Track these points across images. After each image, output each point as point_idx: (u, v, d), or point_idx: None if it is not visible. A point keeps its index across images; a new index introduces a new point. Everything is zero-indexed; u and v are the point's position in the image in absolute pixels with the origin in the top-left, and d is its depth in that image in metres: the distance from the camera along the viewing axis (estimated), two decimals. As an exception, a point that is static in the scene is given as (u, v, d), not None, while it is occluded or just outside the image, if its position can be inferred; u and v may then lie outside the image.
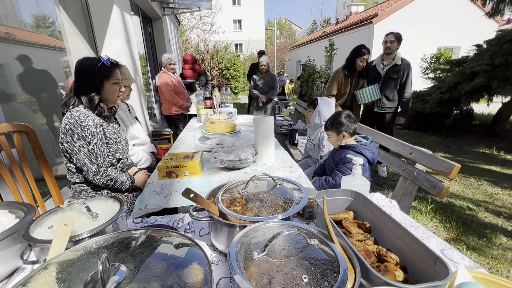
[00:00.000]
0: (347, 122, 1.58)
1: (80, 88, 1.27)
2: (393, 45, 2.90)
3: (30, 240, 0.61)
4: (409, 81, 2.98)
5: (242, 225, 0.65)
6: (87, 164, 1.23)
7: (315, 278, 0.45)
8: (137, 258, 0.52)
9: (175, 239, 0.60)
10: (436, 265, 0.51)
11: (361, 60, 2.90)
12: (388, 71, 2.99)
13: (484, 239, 2.19)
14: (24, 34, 2.05)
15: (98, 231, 0.67)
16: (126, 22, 3.08)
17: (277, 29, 20.20)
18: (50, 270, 0.48)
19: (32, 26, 2.14)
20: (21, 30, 2.03)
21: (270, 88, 4.49)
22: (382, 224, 0.69)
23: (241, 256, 0.52)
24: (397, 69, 2.94)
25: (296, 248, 0.51)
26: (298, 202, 0.73)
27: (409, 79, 2.98)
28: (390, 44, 2.91)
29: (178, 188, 1.26)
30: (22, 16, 2.05)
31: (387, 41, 2.94)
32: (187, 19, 15.44)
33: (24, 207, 0.73)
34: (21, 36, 2.02)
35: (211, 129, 1.93)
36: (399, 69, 2.93)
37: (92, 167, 1.23)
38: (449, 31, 10.74)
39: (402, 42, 2.96)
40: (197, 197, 0.68)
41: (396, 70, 2.95)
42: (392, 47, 2.90)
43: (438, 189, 1.33)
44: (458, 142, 5.03)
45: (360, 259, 0.51)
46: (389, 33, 2.97)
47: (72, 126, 1.19)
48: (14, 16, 1.96)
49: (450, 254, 0.71)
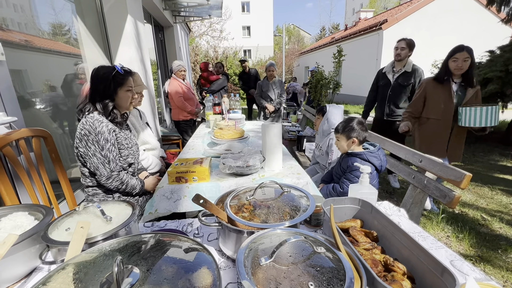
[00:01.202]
0: (358, 129, 1.57)
1: (95, 95, 1.33)
2: (403, 52, 2.82)
3: (48, 242, 0.65)
4: None
5: (250, 231, 0.66)
6: (100, 168, 1.27)
7: (321, 285, 0.46)
8: (148, 261, 0.54)
9: (185, 244, 0.62)
10: (444, 276, 0.51)
11: (454, 60, 2.24)
12: (398, 78, 2.90)
13: (499, 250, 2.12)
14: (43, 42, 2.16)
15: (112, 234, 0.69)
16: (139, 30, 3.19)
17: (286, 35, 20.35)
18: (68, 271, 0.51)
19: (50, 34, 2.25)
20: (40, 38, 2.13)
21: (277, 96, 4.25)
22: (389, 234, 0.69)
23: (248, 262, 0.53)
24: (407, 76, 2.85)
25: (302, 255, 0.52)
26: (305, 209, 0.74)
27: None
28: (400, 51, 2.83)
29: (187, 193, 1.29)
30: (42, 24, 2.15)
31: (398, 48, 2.86)
32: (197, 26, 15.79)
33: (43, 209, 0.77)
34: (41, 44, 2.12)
35: (220, 135, 1.96)
36: (410, 76, 2.84)
37: (104, 171, 1.28)
38: (461, 37, 10.55)
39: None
40: (207, 203, 0.70)
41: (406, 77, 2.86)
42: (403, 54, 2.82)
43: (449, 198, 1.31)
44: (471, 150, 4.89)
45: (366, 268, 0.51)
46: (401, 40, 2.89)
47: (87, 131, 1.24)
48: (34, 24, 2.07)
49: (460, 265, 0.70)
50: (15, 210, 0.77)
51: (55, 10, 2.31)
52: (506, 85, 4.15)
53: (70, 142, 2.37)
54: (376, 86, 3.13)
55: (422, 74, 2.88)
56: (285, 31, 15.89)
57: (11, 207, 0.79)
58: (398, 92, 2.91)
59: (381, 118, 3.09)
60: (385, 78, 3.00)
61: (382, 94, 3.02)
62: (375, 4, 29.22)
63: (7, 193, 1.23)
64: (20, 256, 0.65)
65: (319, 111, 2.29)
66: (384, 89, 2.99)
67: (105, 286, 0.46)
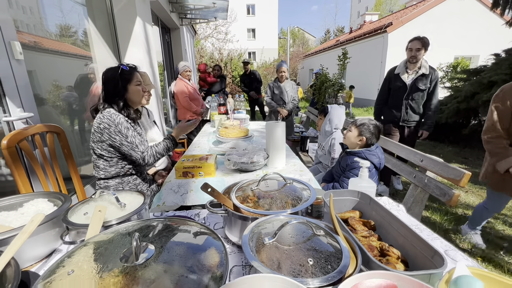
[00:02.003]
0: (374, 133, 1.58)
1: (108, 96, 1.39)
2: (419, 53, 2.57)
3: (68, 224, 0.70)
4: (436, 91, 2.69)
5: (254, 218, 0.71)
6: (133, 154, 1.36)
7: (320, 261, 0.50)
8: (161, 240, 0.59)
9: (194, 228, 0.67)
10: (434, 258, 0.55)
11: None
12: (415, 81, 2.66)
13: (501, 252, 2.12)
14: (55, 43, 2.24)
15: (125, 219, 0.74)
16: (147, 32, 3.27)
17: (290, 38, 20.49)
18: (89, 247, 0.56)
19: (62, 35, 2.33)
20: (52, 40, 2.22)
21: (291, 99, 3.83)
22: (386, 223, 0.73)
23: (253, 243, 0.57)
24: (425, 78, 2.63)
25: (303, 236, 0.57)
26: (306, 200, 0.79)
27: (436, 89, 2.68)
28: (415, 53, 2.58)
29: (193, 188, 1.34)
30: (54, 27, 2.24)
31: (412, 49, 2.58)
32: (203, 28, 15.96)
33: (62, 196, 0.83)
34: (53, 45, 2.21)
35: (225, 133, 2.01)
36: (427, 78, 2.62)
37: (137, 155, 1.37)
38: (467, 39, 10.54)
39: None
40: (214, 192, 0.75)
41: (424, 80, 2.64)
42: (419, 56, 2.58)
43: (449, 197, 1.34)
44: (475, 153, 4.87)
45: (362, 249, 0.55)
46: (414, 39, 2.60)
47: (106, 124, 1.30)
48: (46, 26, 2.15)
49: (454, 254, 0.74)
50: (36, 197, 0.83)
51: (66, 13, 2.40)
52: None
53: (79, 139, 2.45)
54: (388, 88, 2.91)
55: (438, 76, 2.70)
56: (290, 34, 15.98)
57: (32, 194, 0.85)
58: (416, 96, 2.69)
59: (395, 123, 2.86)
60: (399, 80, 2.75)
61: (397, 98, 2.79)
62: (380, 7, 29.19)
63: (23, 184, 1.30)
64: (42, 238, 0.71)
65: (321, 112, 2.33)
66: (398, 92, 2.76)
67: (124, 259, 0.51)
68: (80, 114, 2.51)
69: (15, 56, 1.37)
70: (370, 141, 1.59)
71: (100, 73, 2.77)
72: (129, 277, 0.47)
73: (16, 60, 1.38)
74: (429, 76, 2.62)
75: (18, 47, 1.38)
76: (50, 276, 0.48)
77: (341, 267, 0.49)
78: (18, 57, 1.39)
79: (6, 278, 0.48)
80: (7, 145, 1.23)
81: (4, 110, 1.36)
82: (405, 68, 2.72)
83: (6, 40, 1.33)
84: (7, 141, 1.23)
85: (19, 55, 1.39)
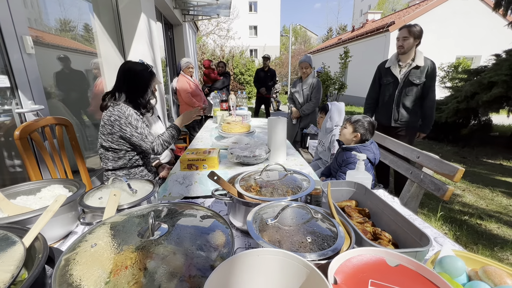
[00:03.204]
0: (367, 129, 1.63)
1: (132, 89, 1.45)
2: (406, 43, 2.29)
3: (85, 207, 0.76)
4: (433, 86, 2.37)
5: (257, 204, 0.76)
6: (142, 145, 1.43)
7: (317, 240, 0.56)
8: (173, 221, 0.65)
9: (201, 212, 0.73)
10: (422, 239, 0.60)
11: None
12: (408, 75, 2.37)
13: (495, 248, 2.18)
14: (61, 39, 2.29)
15: (136, 204, 0.80)
16: (151, 28, 3.31)
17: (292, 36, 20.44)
18: (107, 225, 0.62)
19: (68, 31, 2.38)
20: (58, 35, 2.26)
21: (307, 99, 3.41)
22: (380, 211, 0.79)
23: (256, 224, 0.63)
24: (420, 71, 2.34)
25: (302, 219, 0.62)
26: (306, 189, 0.84)
27: (433, 83, 2.36)
28: (402, 42, 2.32)
29: (198, 179, 1.39)
30: (60, 22, 2.28)
31: (399, 38, 2.34)
32: (205, 25, 15.96)
33: (76, 183, 0.88)
34: (58, 40, 2.25)
35: (227, 129, 2.07)
36: (422, 71, 2.33)
37: (147, 145, 1.43)
38: (469, 40, 10.53)
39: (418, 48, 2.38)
40: (220, 180, 0.81)
41: (418, 73, 2.34)
42: (406, 45, 2.30)
43: (443, 191, 1.39)
44: (474, 153, 4.92)
45: (355, 230, 0.61)
46: (402, 28, 2.35)
47: (117, 116, 1.36)
48: (52, 22, 2.19)
49: (442, 241, 0.79)
50: (52, 183, 0.88)
51: (71, 9, 2.44)
52: (511, 89, 4.18)
53: (84, 132, 2.50)
54: (379, 84, 2.62)
55: (435, 68, 2.36)
56: (292, 32, 15.95)
57: (49, 180, 0.91)
58: (409, 92, 2.40)
59: (387, 124, 2.55)
60: (390, 74, 2.47)
61: (388, 95, 2.51)
62: (383, 5, 29.06)
63: (34, 173, 1.36)
64: (60, 220, 0.76)
65: (321, 110, 2.37)
66: (389, 88, 2.48)
67: (141, 235, 0.57)
68: (84, 108, 2.56)
69: (26, 50, 1.43)
70: (365, 136, 1.64)
71: (105, 68, 2.82)
72: (146, 251, 0.53)
73: (27, 54, 1.43)
74: (424, 68, 2.32)
75: (29, 42, 1.43)
76: (75, 249, 0.54)
77: (336, 244, 0.54)
78: (29, 51, 1.44)
79: (36, 250, 0.54)
80: (19, 135, 1.29)
81: (17, 102, 1.42)
82: (396, 61, 2.43)
83: (19, 34, 1.38)
84: (19, 132, 1.29)
85: (31, 50, 1.45)
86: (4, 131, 1.55)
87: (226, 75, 5.51)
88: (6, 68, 1.35)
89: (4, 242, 0.53)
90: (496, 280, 0.54)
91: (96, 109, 2.71)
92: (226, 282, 0.48)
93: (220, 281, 0.47)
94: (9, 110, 1.45)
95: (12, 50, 1.34)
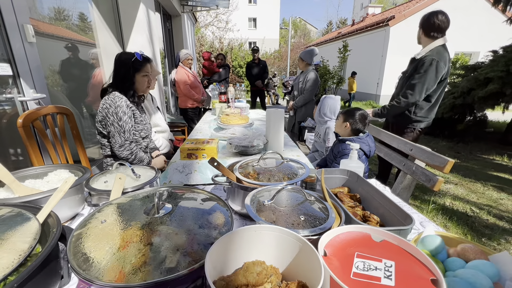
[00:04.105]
0: (357, 118, 1.67)
1: (117, 77, 1.47)
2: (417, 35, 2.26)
3: (92, 190, 0.80)
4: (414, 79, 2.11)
5: (254, 188, 0.81)
6: (115, 136, 1.44)
7: (310, 219, 0.60)
8: (176, 201, 0.69)
9: (202, 196, 0.77)
10: (406, 220, 0.65)
11: None
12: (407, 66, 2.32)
13: (483, 239, 2.27)
14: (59, 29, 2.28)
15: (140, 188, 0.84)
16: (150, 18, 3.30)
17: (292, 29, 20.27)
18: (114, 205, 0.66)
19: (64, 20, 2.37)
20: (57, 26, 2.25)
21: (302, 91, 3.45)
22: (370, 196, 0.84)
23: (254, 205, 0.68)
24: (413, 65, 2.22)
25: (297, 200, 0.67)
26: (301, 176, 0.89)
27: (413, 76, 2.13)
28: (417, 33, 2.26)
29: (197, 168, 1.44)
30: (59, 11, 2.26)
31: None
32: (203, 16, 15.74)
33: (82, 168, 0.92)
34: (58, 31, 2.24)
35: (226, 120, 2.10)
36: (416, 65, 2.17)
37: (119, 139, 1.44)
38: (468, 36, 10.53)
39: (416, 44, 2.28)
40: (219, 166, 0.85)
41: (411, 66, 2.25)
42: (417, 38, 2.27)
43: (433, 182, 1.45)
44: (469, 149, 5.01)
45: (345, 211, 0.66)
46: None
47: (108, 105, 1.40)
48: (51, 12, 2.18)
49: (427, 225, 0.84)
50: (59, 168, 0.92)
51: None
52: (506, 86, 4.24)
53: (82, 122, 2.52)
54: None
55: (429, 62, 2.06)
56: (292, 24, 15.81)
57: (55, 165, 0.95)
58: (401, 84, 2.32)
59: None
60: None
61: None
62: (384, -1, 28.77)
63: (37, 161, 1.39)
64: (68, 201, 0.81)
65: (316, 102, 2.42)
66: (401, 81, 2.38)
67: (147, 213, 0.61)
68: (83, 98, 2.57)
69: (28, 39, 1.44)
70: (355, 126, 1.68)
71: (104, 58, 2.82)
72: (152, 227, 0.57)
73: (29, 43, 1.45)
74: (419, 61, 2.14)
75: (30, 30, 1.44)
76: (86, 225, 0.58)
77: (327, 223, 0.59)
78: (30, 40, 1.45)
79: (49, 225, 0.58)
80: (22, 123, 1.32)
81: (19, 90, 1.44)
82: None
83: (20, 23, 1.39)
84: (22, 119, 1.32)
85: (32, 38, 1.46)
86: (6, 119, 1.57)
87: (225, 68, 5.48)
88: (8, 57, 1.36)
89: (20, 217, 0.57)
90: (472, 256, 0.59)
91: (94, 100, 2.72)
92: (226, 254, 0.52)
93: (220, 253, 0.51)
94: (11, 98, 1.47)
95: (13, 38, 1.36)
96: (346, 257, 0.51)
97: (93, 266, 0.48)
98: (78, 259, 0.49)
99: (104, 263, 0.49)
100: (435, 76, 2.09)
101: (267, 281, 0.48)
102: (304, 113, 3.56)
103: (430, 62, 2.07)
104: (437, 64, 2.07)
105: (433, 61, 2.07)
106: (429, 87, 2.12)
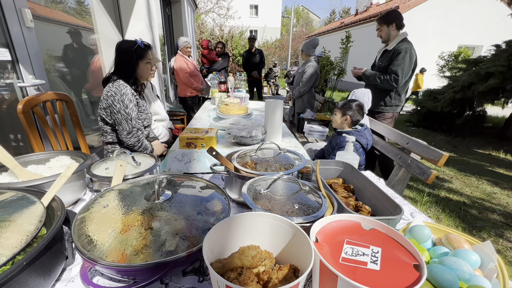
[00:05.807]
0: (355, 110, 1.70)
1: (120, 67, 1.47)
2: (382, 33, 2.39)
3: (93, 176, 0.82)
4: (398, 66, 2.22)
5: (251, 177, 0.83)
6: (123, 123, 1.46)
7: (304, 207, 0.63)
8: (175, 189, 0.72)
9: (201, 183, 0.80)
10: (396, 210, 0.68)
11: None
12: (380, 60, 2.46)
13: (474, 231, 2.33)
14: (57, 13, 2.23)
15: (140, 175, 0.86)
16: (150, 4, 3.23)
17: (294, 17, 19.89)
18: (116, 191, 0.68)
19: (63, 4, 2.32)
20: (54, 10, 2.21)
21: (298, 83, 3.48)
22: (363, 187, 0.86)
23: (250, 194, 0.70)
24: (387, 56, 2.36)
25: (292, 190, 0.70)
26: (297, 166, 0.91)
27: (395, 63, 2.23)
28: (379, 33, 2.43)
29: (196, 157, 1.46)
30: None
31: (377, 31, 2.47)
32: (204, 2, 15.37)
33: (83, 155, 0.94)
34: (55, 15, 2.20)
35: (226, 110, 2.11)
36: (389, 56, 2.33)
37: (127, 126, 1.47)
38: (472, 29, 10.36)
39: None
40: (218, 155, 0.87)
41: (385, 57, 2.39)
42: (383, 35, 2.39)
43: (427, 175, 1.48)
44: (466, 143, 5.04)
45: (338, 200, 0.68)
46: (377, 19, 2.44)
47: (113, 93, 1.40)
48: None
49: (417, 216, 0.88)
50: (60, 154, 0.94)
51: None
52: (507, 80, 4.22)
53: (81, 109, 2.52)
54: None
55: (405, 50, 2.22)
56: (294, 13, 15.48)
57: (56, 151, 0.96)
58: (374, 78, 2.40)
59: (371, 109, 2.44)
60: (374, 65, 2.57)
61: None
62: (389, -12, 28.01)
63: (38, 147, 1.41)
64: (70, 187, 0.83)
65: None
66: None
67: (147, 198, 0.64)
68: (82, 85, 2.56)
69: (26, 23, 1.42)
70: (355, 118, 1.69)
71: (102, 44, 2.78)
72: (153, 212, 0.60)
73: (27, 27, 1.43)
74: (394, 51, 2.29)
75: (28, 15, 1.42)
76: (89, 209, 0.61)
77: (320, 211, 0.62)
78: (29, 25, 1.43)
79: (53, 209, 0.61)
80: (22, 109, 1.32)
81: (18, 76, 1.43)
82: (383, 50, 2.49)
83: (18, 7, 1.37)
84: (22, 105, 1.32)
85: (30, 23, 1.44)
86: (6, 105, 1.58)
87: (225, 56, 5.40)
88: (6, 41, 1.35)
89: (25, 201, 0.60)
90: (456, 245, 0.62)
91: (93, 86, 2.70)
92: (223, 238, 0.55)
93: (218, 238, 0.54)
94: (10, 84, 1.47)
95: (11, 23, 1.34)
96: (336, 243, 0.53)
97: (97, 248, 0.51)
98: (82, 241, 0.52)
99: (107, 245, 0.51)
100: (410, 62, 2.26)
101: (261, 264, 0.51)
102: (303, 104, 3.57)
103: (405, 50, 2.24)
104: (410, 51, 2.25)
105: (407, 49, 2.24)
106: (407, 72, 2.29)
